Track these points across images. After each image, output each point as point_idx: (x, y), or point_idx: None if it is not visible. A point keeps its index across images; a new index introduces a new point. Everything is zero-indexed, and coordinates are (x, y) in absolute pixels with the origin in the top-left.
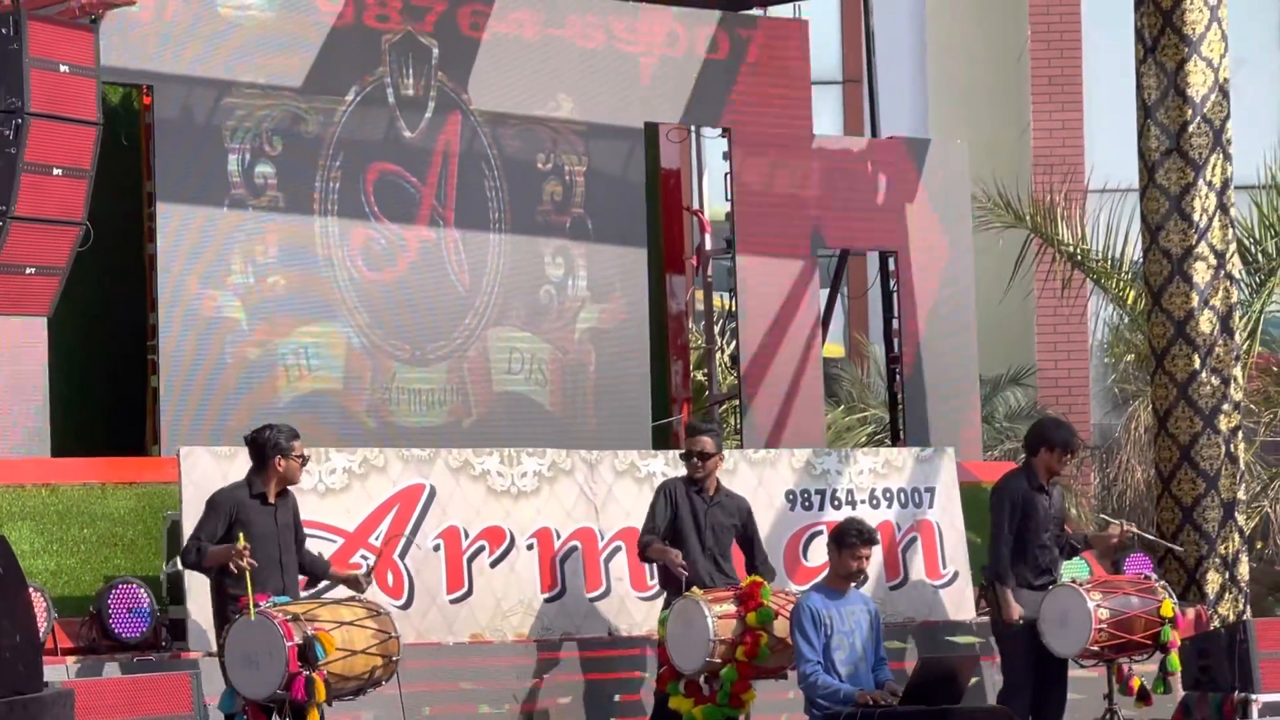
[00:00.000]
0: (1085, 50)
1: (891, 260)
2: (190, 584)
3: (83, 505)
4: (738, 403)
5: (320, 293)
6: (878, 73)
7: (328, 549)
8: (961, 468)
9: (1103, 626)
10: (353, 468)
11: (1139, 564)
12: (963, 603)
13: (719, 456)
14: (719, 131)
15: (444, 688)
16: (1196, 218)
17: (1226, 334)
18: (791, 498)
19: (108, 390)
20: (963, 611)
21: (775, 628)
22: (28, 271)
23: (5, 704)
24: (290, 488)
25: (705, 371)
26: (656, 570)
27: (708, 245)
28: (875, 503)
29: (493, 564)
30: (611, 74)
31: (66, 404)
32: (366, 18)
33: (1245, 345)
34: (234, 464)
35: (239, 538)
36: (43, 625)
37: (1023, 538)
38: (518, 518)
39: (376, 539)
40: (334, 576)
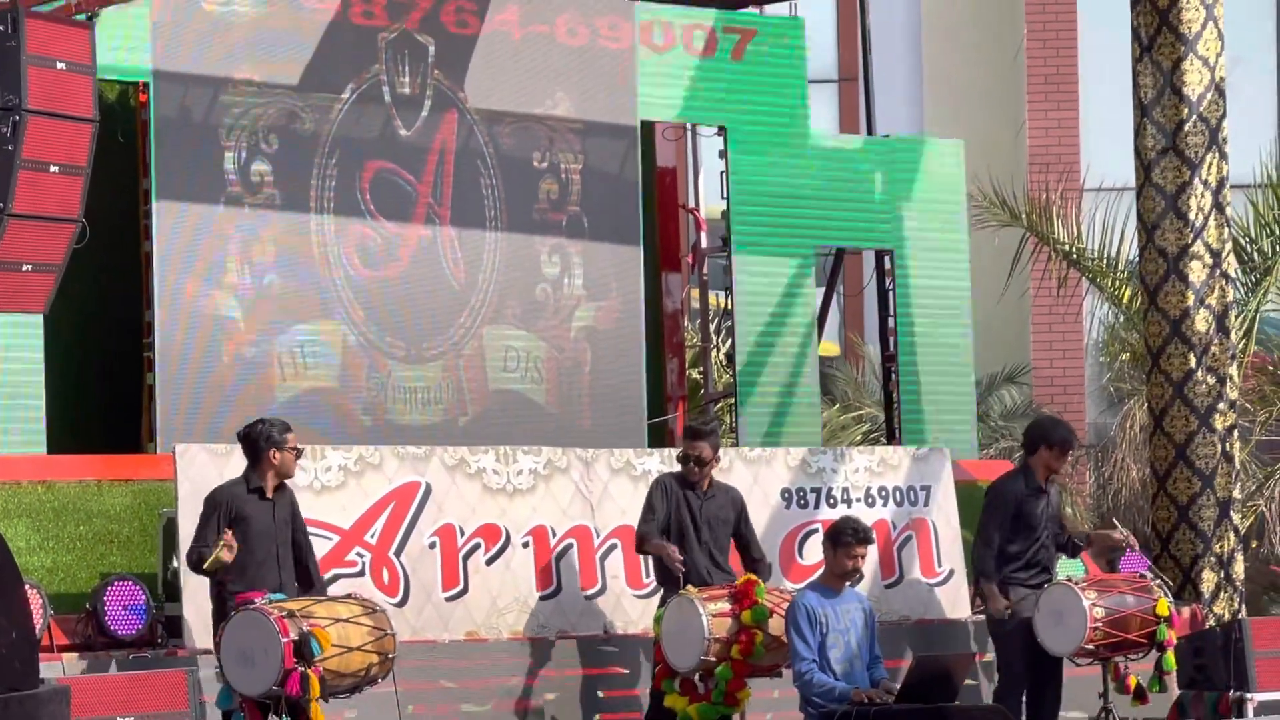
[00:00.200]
0: (1081, 49)
1: (887, 259)
2: (186, 581)
3: (79, 502)
4: (733, 401)
5: (316, 290)
6: (874, 71)
7: (323, 547)
8: (957, 466)
9: (1098, 625)
10: (348, 465)
11: (1134, 563)
12: (958, 601)
13: (716, 460)
14: (715, 130)
15: (439, 685)
16: (1192, 217)
17: (1222, 333)
18: (787, 496)
19: (104, 387)
20: (958, 610)
21: (770, 626)
22: (24, 269)
23: (1, 701)
24: (288, 485)
25: (701, 370)
26: (653, 567)
27: (703, 243)
28: (871, 501)
29: (488, 562)
30: (607, 72)
31: (63, 401)
32: (353, 15)
33: (1241, 344)
34: (230, 461)
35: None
36: (39, 622)
37: (1019, 539)
38: (513, 515)
39: (372, 536)
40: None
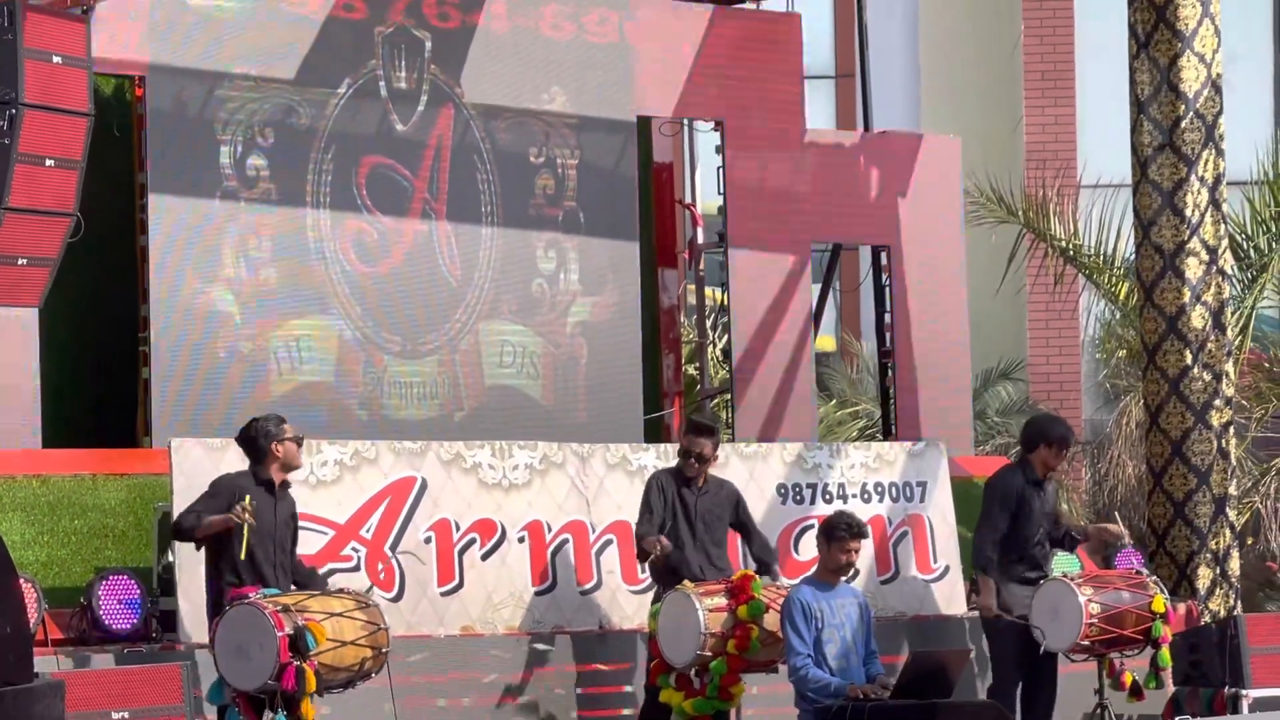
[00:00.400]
0: (1078, 45)
1: (884, 255)
2: (181, 575)
3: (74, 496)
4: (729, 397)
5: (312, 285)
6: (871, 67)
7: (319, 541)
8: (953, 462)
9: (1094, 621)
10: (344, 460)
11: (1131, 559)
12: (954, 597)
13: (715, 458)
14: (711, 125)
15: (434, 680)
16: (1189, 213)
17: (1218, 330)
18: (783, 491)
19: (99, 382)
20: (954, 606)
21: (766, 621)
22: (20, 262)
23: None
24: (290, 487)
25: (697, 365)
26: (649, 566)
27: (700, 239)
28: (867, 497)
29: (484, 556)
30: (604, 67)
31: (58, 395)
32: (336, 9)
33: (1237, 341)
34: (225, 456)
35: (246, 498)
36: (33, 616)
37: (1016, 533)
38: (509, 510)
39: (368, 531)
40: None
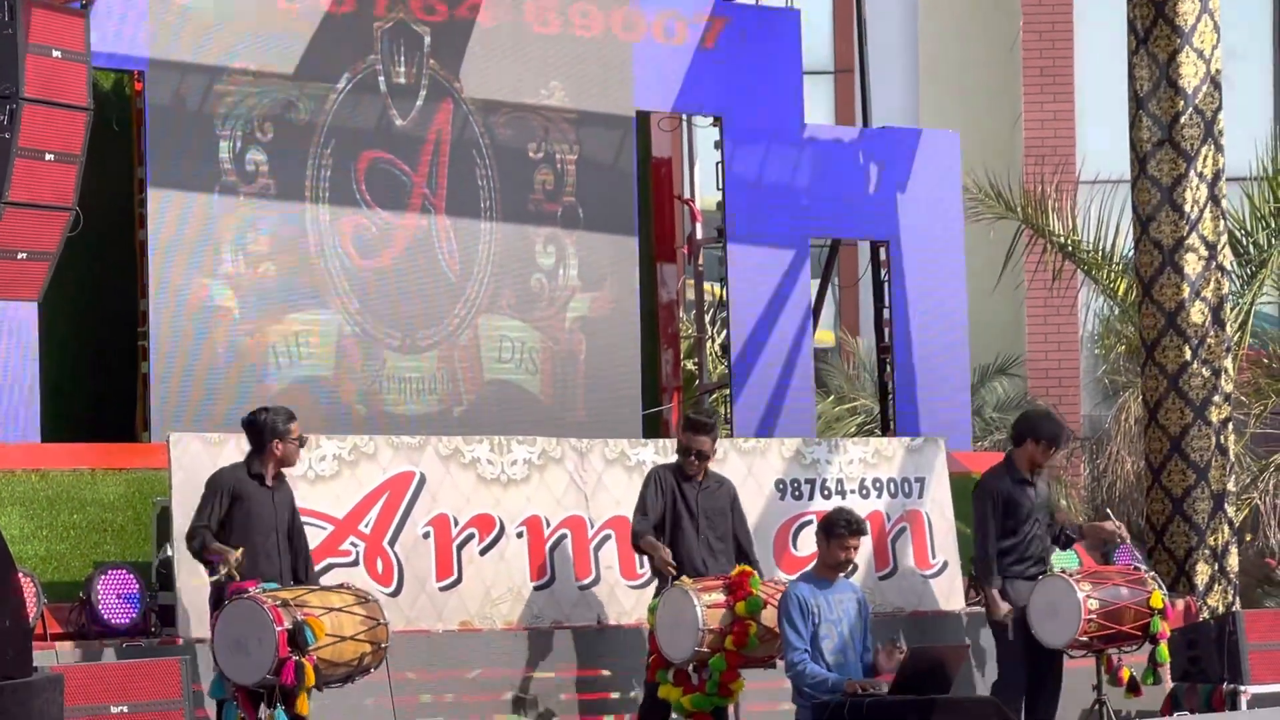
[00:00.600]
0: (1077, 41)
1: (882, 250)
2: (180, 570)
3: (73, 491)
4: (728, 392)
5: (311, 280)
6: (870, 62)
7: (317, 536)
8: (952, 458)
9: (1092, 617)
10: (343, 455)
11: (1128, 555)
12: (952, 593)
13: (714, 453)
14: (711, 120)
15: (433, 675)
16: (1188, 209)
17: (1217, 326)
18: (781, 487)
19: (98, 376)
20: (952, 602)
21: (764, 617)
22: (19, 257)
23: None
24: (286, 477)
25: (696, 360)
26: (648, 558)
27: (699, 234)
28: (865, 492)
29: (482, 552)
30: (603, 62)
31: (57, 390)
32: (334, 4)
33: (1236, 337)
34: (224, 450)
35: (238, 551)
36: (32, 611)
37: (1012, 532)
38: (507, 505)
39: (366, 526)
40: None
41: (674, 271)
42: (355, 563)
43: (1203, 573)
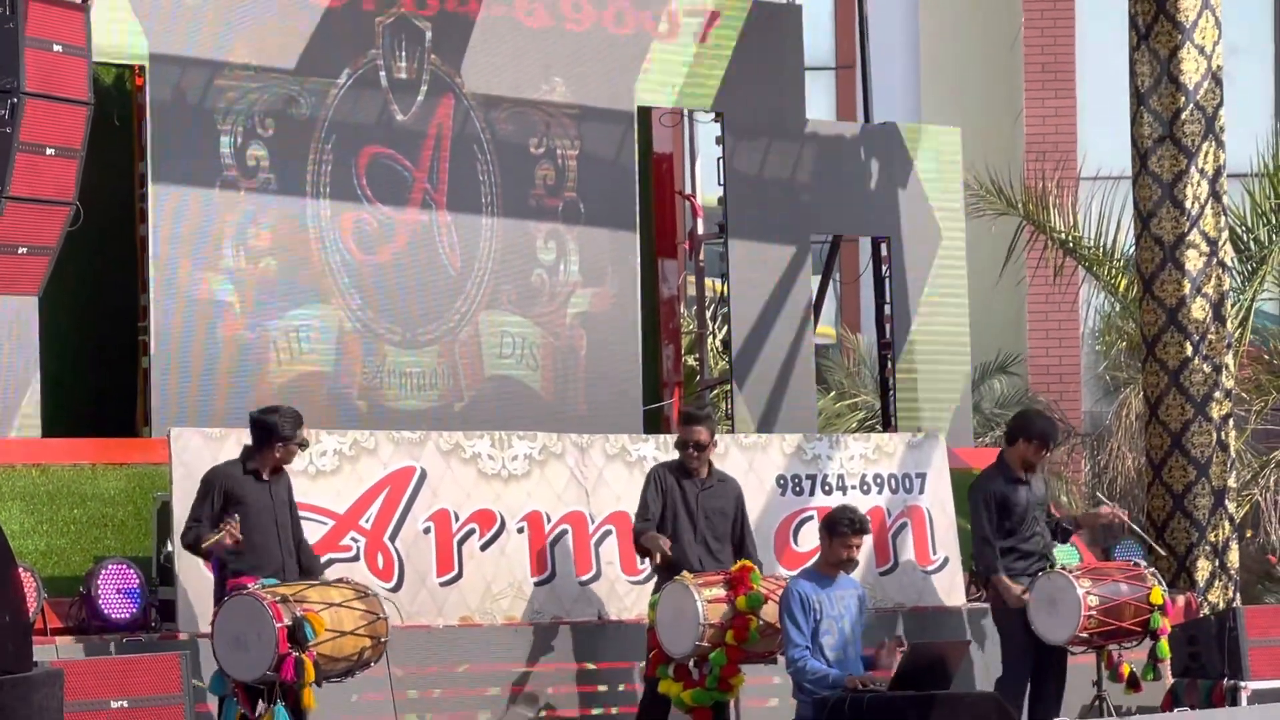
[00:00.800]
0: (1078, 37)
1: (884, 246)
2: (180, 565)
3: (73, 486)
4: (729, 387)
5: (312, 275)
6: (871, 58)
7: (318, 531)
8: (952, 453)
9: (1092, 613)
10: (343, 450)
11: (1129, 551)
12: (953, 588)
13: (713, 445)
14: (712, 116)
15: (433, 670)
16: (1189, 205)
17: (1218, 322)
18: (782, 482)
19: (99, 371)
20: (953, 597)
21: (764, 612)
22: (20, 251)
23: None
24: (285, 469)
25: (696, 356)
26: (649, 558)
27: (700, 230)
28: (866, 488)
29: (483, 547)
30: (605, 57)
31: (57, 385)
32: None
33: (1237, 333)
34: (224, 445)
35: (234, 516)
36: (32, 605)
37: (1010, 532)
38: (508, 501)
39: (367, 521)
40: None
41: (675, 267)
42: (356, 558)
43: (1203, 569)
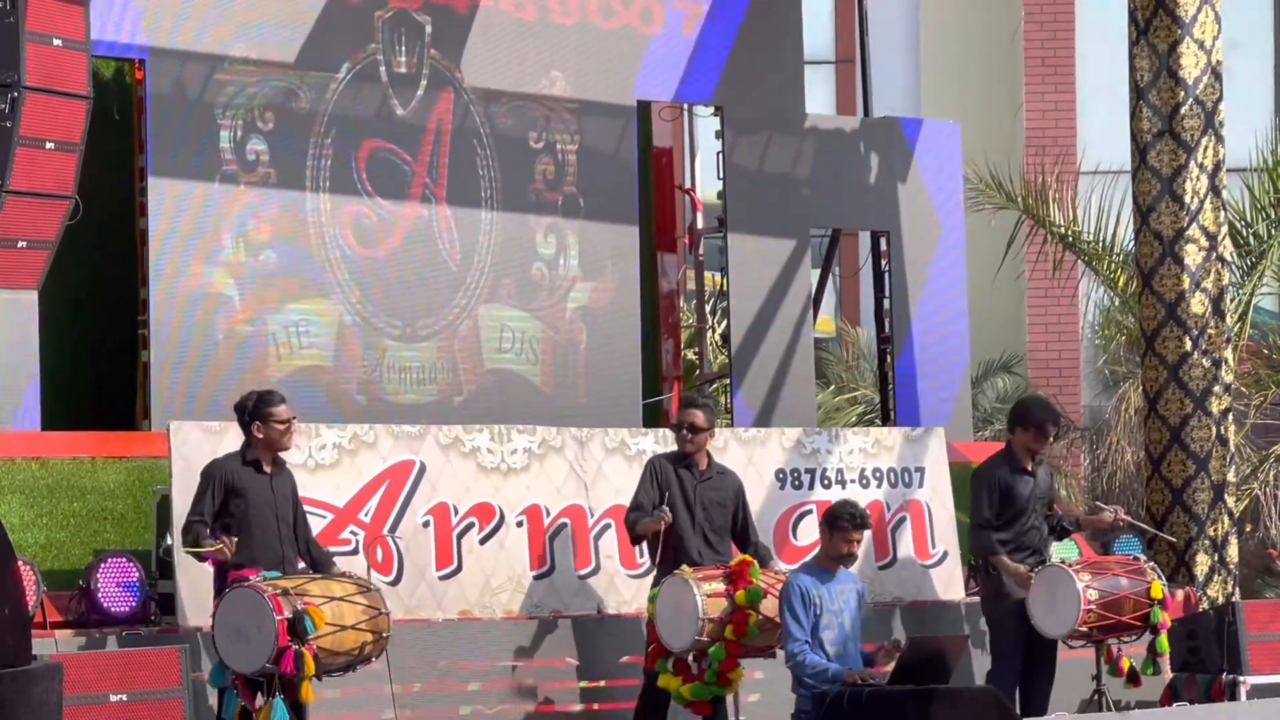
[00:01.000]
0: (1078, 31)
1: (883, 240)
2: (180, 558)
3: (73, 479)
4: (728, 381)
5: (311, 269)
6: (871, 52)
7: (317, 525)
8: (951, 448)
9: (1091, 607)
10: (343, 444)
11: (1128, 546)
12: (952, 583)
13: (710, 432)
14: (711, 110)
15: (433, 664)
16: (1188, 200)
17: (1218, 316)
18: (781, 476)
19: (98, 364)
20: (952, 592)
21: (764, 606)
22: (19, 245)
23: None
24: (286, 463)
25: (696, 350)
26: (646, 547)
27: (699, 224)
28: (865, 482)
29: (482, 541)
30: (604, 51)
31: (57, 378)
32: None
33: (1236, 328)
34: (224, 439)
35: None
36: (32, 599)
37: (1009, 522)
38: (507, 495)
39: (366, 515)
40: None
41: (674, 261)
42: (355, 551)
43: (1202, 563)
